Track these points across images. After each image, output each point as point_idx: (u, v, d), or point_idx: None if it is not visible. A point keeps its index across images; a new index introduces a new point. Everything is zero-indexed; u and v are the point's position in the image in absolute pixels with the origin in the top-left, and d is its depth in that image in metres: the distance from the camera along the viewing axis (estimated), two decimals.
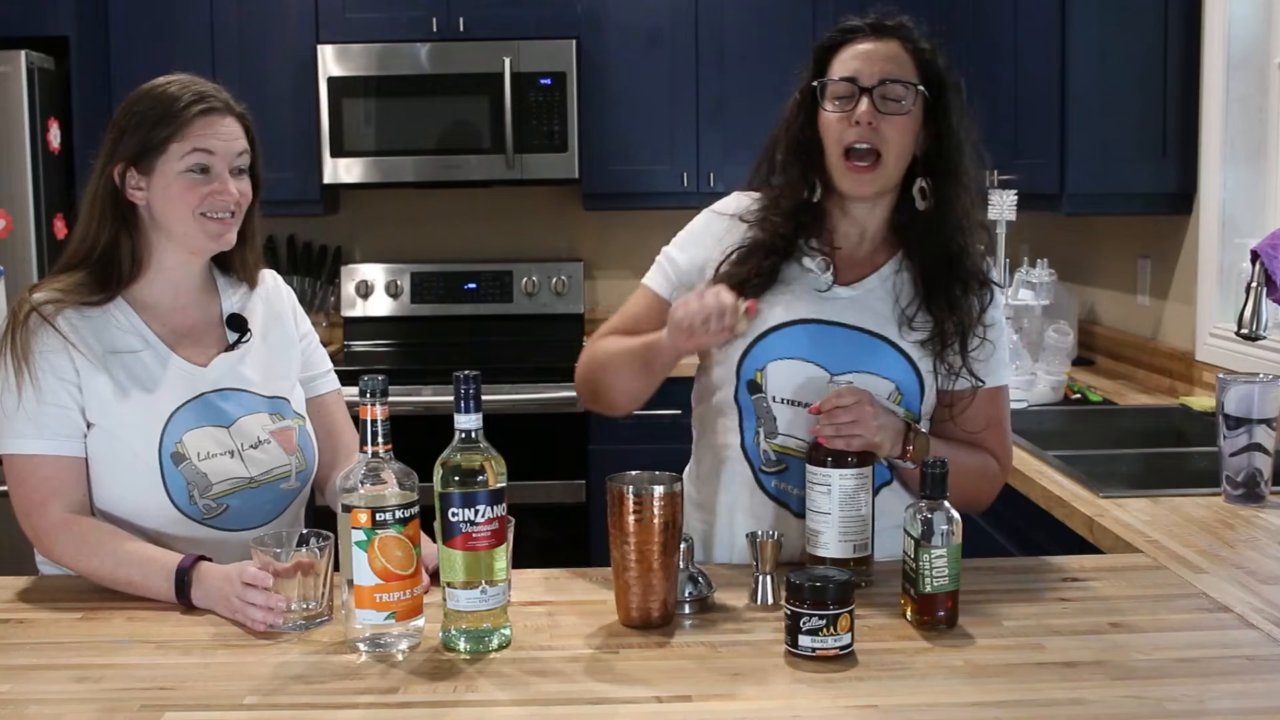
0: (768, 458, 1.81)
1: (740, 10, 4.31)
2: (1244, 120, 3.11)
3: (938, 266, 1.78)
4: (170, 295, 1.82)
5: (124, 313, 1.78)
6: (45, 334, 1.73)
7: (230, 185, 1.77)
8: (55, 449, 1.72)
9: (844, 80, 1.75)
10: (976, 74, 3.94)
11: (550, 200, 4.69)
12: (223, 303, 1.88)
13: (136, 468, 1.73)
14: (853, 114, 1.73)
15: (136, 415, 1.74)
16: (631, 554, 1.54)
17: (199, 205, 1.74)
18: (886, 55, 1.76)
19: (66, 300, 1.75)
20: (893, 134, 1.73)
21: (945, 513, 1.53)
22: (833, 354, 1.77)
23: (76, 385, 1.73)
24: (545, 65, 4.23)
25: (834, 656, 1.43)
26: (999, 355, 1.84)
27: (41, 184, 3.87)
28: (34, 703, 1.36)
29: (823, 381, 1.76)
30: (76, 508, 1.74)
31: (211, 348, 1.83)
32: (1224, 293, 3.16)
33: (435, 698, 1.36)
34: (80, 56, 4.06)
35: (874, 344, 1.78)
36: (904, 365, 1.78)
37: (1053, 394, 3.21)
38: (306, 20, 4.27)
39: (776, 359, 1.78)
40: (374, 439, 1.50)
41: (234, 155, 1.78)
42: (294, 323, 1.95)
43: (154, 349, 1.78)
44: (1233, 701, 1.33)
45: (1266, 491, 2.14)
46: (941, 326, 1.77)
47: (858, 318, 1.79)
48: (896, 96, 1.73)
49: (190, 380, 1.79)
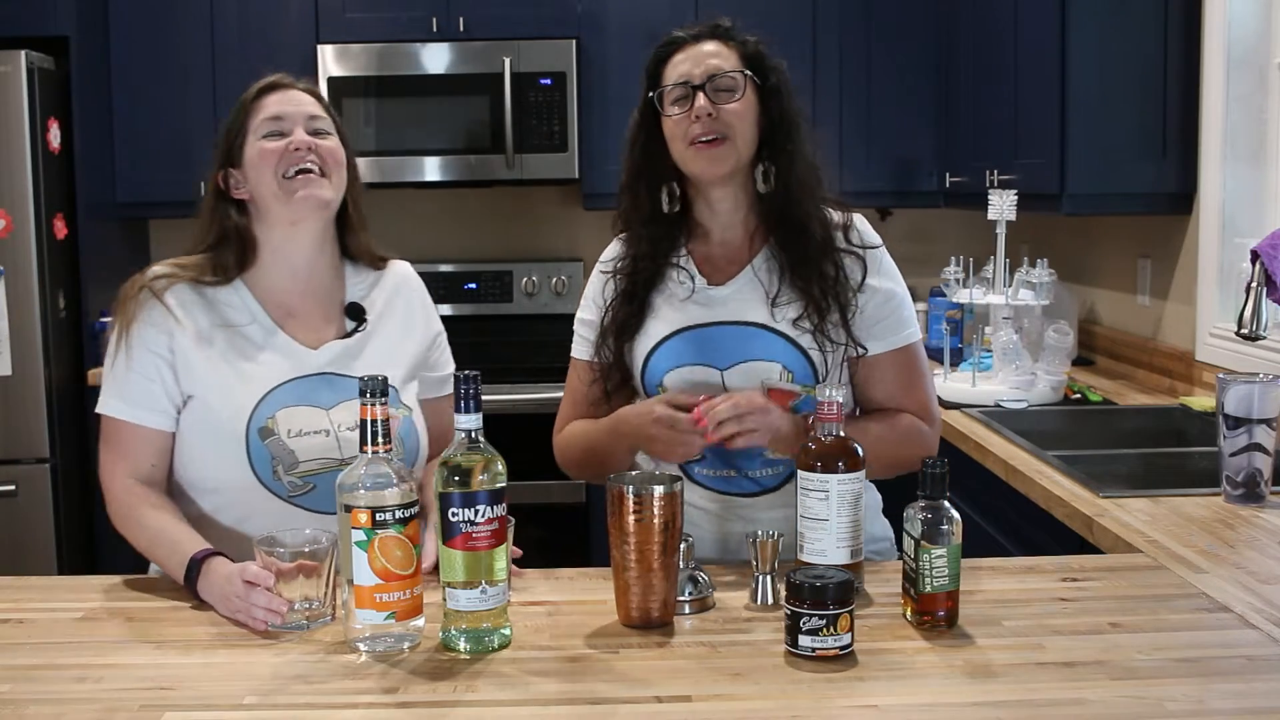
0: None
1: (740, 10, 4.28)
2: (1244, 120, 3.11)
3: (796, 245, 1.87)
4: (286, 279, 1.86)
5: (240, 293, 1.85)
6: (149, 307, 1.80)
7: (304, 137, 1.81)
8: (132, 416, 1.80)
9: (677, 85, 1.86)
10: (977, 74, 3.95)
11: (550, 200, 4.69)
12: (347, 290, 1.91)
13: (223, 438, 1.77)
14: (691, 110, 1.84)
15: (232, 388, 1.78)
16: (631, 554, 1.54)
17: (278, 165, 1.79)
18: (711, 53, 1.88)
19: (181, 275, 1.83)
20: (733, 118, 1.85)
21: (945, 513, 1.53)
22: (716, 352, 1.88)
23: (169, 361, 1.79)
24: (545, 65, 4.23)
25: (834, 656, 1.43)
26: (896, 316, 1.90)
27: (41, 184, 3.87)
28: (34, 703, 1.36)
29: (716, 378, 1.87)
30: (142, 477, 1.79)
31: (326, 332, 1.87)
32: (1224, 293, 3.16)
33: (435, 698, 1.36)
34: (80, 56, 4.06)
35: (751, 332, 1.88)
36: (783, 345, 1.86)
37: (1053, 394, 3.21)
38: (306, 20, 4.27)
39: (669, 369, 1.90)
40: (374, 439, 1.50)
41: (305, 117, 1.83)
42: (420, 318, 1.97)
43: (263, 327, 1.83)
44: (1233, 701, 1.33)
45: (1266, 491, 2.14)
46: (812, 302, 1.85)
47: (733, 312, 1.89)
48: (728, 86, 1.86)
49: (296, 360, 1.83)
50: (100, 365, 4.33)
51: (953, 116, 4.20)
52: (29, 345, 3.87)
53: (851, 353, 1.87)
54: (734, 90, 1.85)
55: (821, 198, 1.91)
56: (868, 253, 1.90)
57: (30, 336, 3.87)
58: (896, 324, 1.90)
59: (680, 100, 1.85)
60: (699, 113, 1.83)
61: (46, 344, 3.90)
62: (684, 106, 1.85)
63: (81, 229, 4.09)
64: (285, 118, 1.82)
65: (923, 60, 4.30)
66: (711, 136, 1.83)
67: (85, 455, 4.14)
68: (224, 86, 4.30)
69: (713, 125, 1.83)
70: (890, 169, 4.28)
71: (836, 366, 1.87)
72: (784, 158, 1.87)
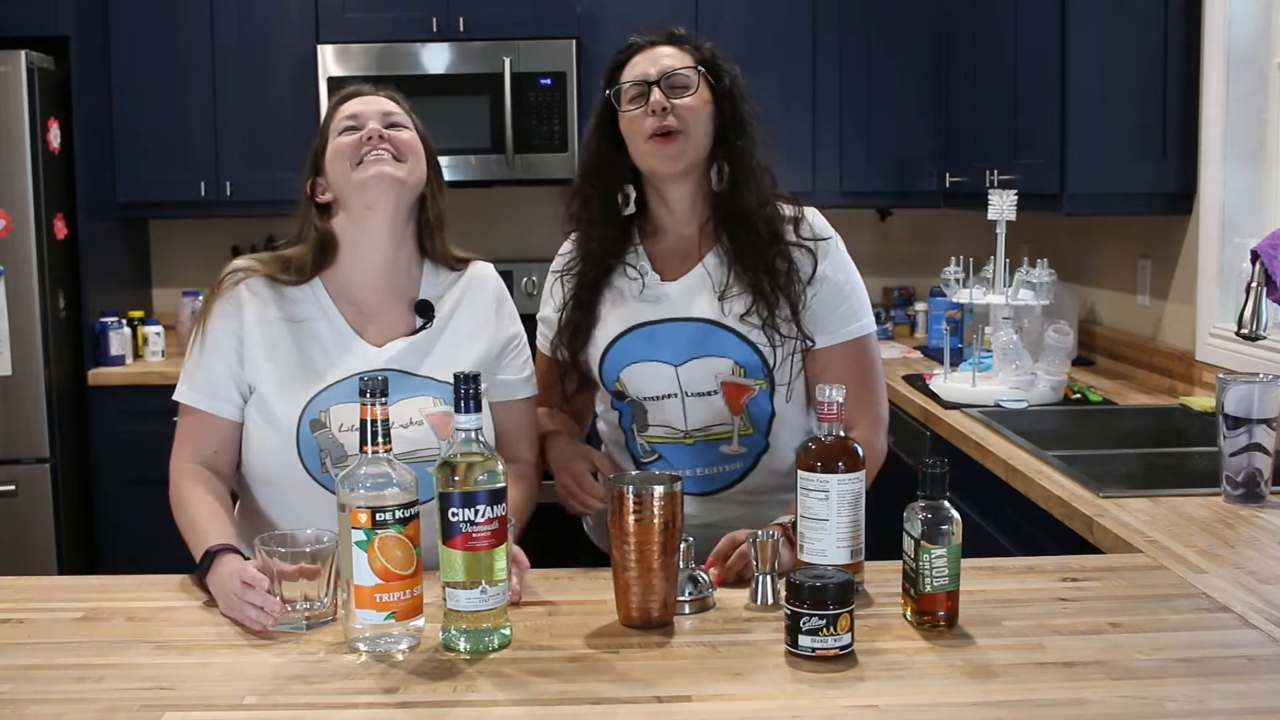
0: (644, 449, 1.99)
1: (740, 10, 4.31)
2: (1244, 120, 3.11)
3: (745, 239, 1.91)
4: (362, 275, 1.89)
5: (314, 290, 1.89)
6: (226, 298, 1.87)
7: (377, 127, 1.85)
8: (199, 402, 1.84)
9: (634, 83, 1.92)
10: (977, 74, 3.95)
11: (550, 200, 4.65)
12: (421, 289, 1.93)
13: (277, 430, 1.81)
14: (648, 105, 1.89)
15: (292, 380, 1.82)
16: (631, 554, 1.54)
17: (354, 155, 1.83)
18: (666, 54, 1.94)
19: (260, 270, 1.89)
20: (687, 113, 1.90)
21: (945, 513, 1.53)
22: (670, 347, 1.93)
23: (237, 352, 1.84)
24: (545, 65, 4.23)
25: (834, 656, 1.43)
26: (846, 308, 1.94)
27: (41, 184, 3.88)
28: (34, 703, 1.36)
29: (670, 373, 1.93)
30: (205, 462, 1.83)
31: (396, 330, 1.89)
32: (1224, 293, 3.16)
33: (435, 698, 1.36)
34: (80, 56, 4.07)
35: (704, 329, 1.92)
36: (734, 341, 1.91)
37: (1053, 394, 3.21)
38: (306, 20, 4.28)
39: (626, 365, 1.95)
40: (374, 439, 1.50)
41: (380, 114, 1.87)
42: (493, 319, 1.96)
43: (333, 324, 1.87)
44: (1233, 701, 1.33)
45: (1266, 491, 2.14)
46: (760, 297, 1.89)
47: (684, 308, 1.94)
48: (683, 83, 1.91)
49: (361, 357, 1.85)
50: (99, 365, 4.37)
51: (953, 116, 4.20)
52: (29, 345, 3.87)
53: (800, 346, 1.91)
54: (688, 87, 1.91)
55: (773, 194, 1.95)
56: (818, 245, 1.94)
57: (30, 336, 3.87)
58: (846, 316, 1.94)
59: (636, 98, 1.91)
60: (654, 107, 1.88)
61: (46, 344, 3.90)
62: (640, 104, 1.90)
63: (81, 229, 4.09)
64: (360, 115, 1.87)
65: (923, 60, 4.31)
66: (667, 130, 1.88)
67: (85, 455, 4.14)
68: (224, 86, 4.31)
69: (667, 121, 1.88)
70: (890, 169, 4.28)
71: (787, 359, 1.92)
72: (736, 155, 1.92)
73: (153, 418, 4.31)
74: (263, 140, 4.31)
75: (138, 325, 4.30)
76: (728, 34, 4.28)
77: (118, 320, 4.20)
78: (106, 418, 4.13)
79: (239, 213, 4.43)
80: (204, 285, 4.59)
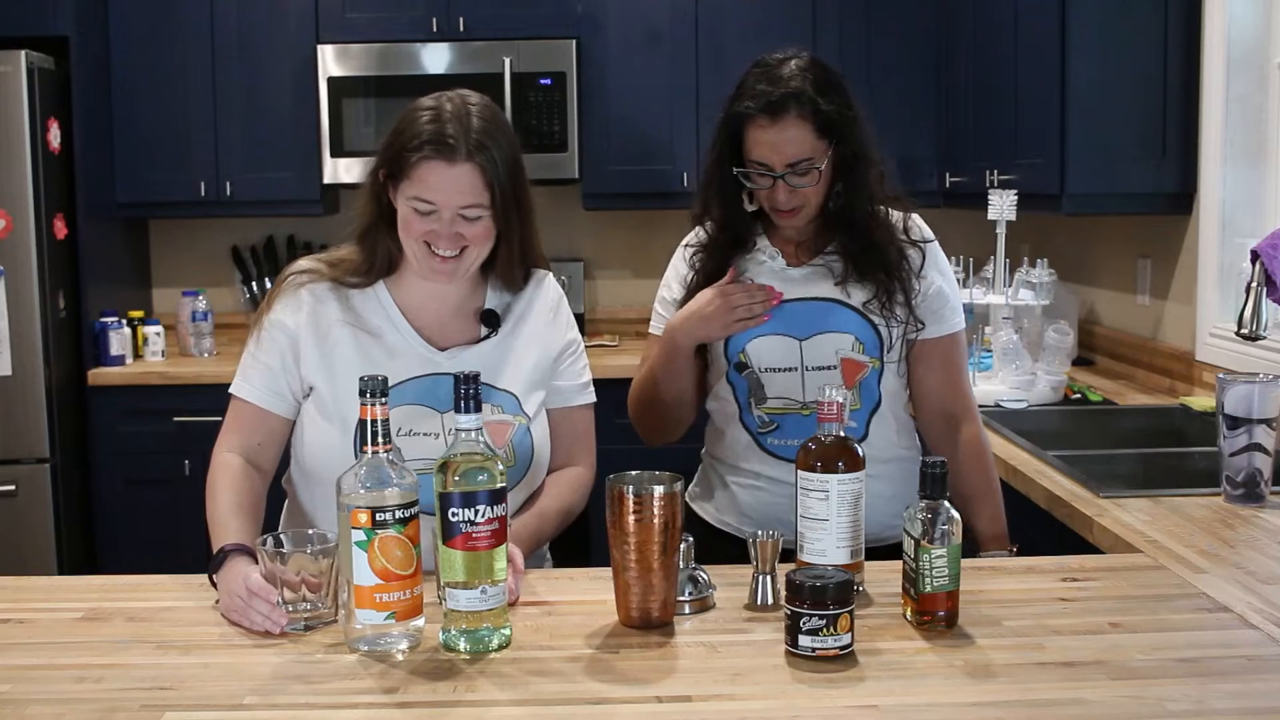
0: (762, 420, 2.06)
1: (740, 10, 4.31)
2: (1244, 120, 3.11)
3: (861, 241, 2.03)
4: (423, 295, 1.88)
5: (380, 295, 1.88)
6: (286, 300, 1.88)
7: (449, 230, 1.77)
8: (249, 395, 1.87)
9: (758, 166, 1.97)
10: (976, 74, 3.95)
11: (550, 200, 4.69)
12: (487, 298, 1.92)
13: (335, 428, 1.82)
14: (772, 194, 1.98)
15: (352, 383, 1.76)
16: (631, 554, 1.54)
17: (422, 237, 1.79)
18: (787, 141, 1.95)
19: (325, 274, 1.88)
20: (810, 193, 1.98)
21: (945, 513, 1.53)
22: (796, 323, 2.04)
23: (293, 350, 1.85)
24: (545, 65, 4.23)
25: (834, 656, 1.43)
26: (947, 306, 2.09)
27: (41, 184, 3.87)
28: (34, 703, 1.36)
29: (795, 347, 2.03)
30: (246, 452, 1.85)
31: (462, 338, 1.89)
32: (1224, 293, 3.16)
33: (435, 698, 1.36)
34: (80, 56, 4.06)
35: (828, 307, 2.05)
36: (857, 319, 2.03)
37: (1053, 394, 3.21)
38: (306, 20, 4.28)
39: (753, 338, 2.04)
40: (374, 439, 1.50)
41: (457, 206, 1.76)
42: (549, 327, 1.95)
43: (396, 326, 1.87)
44: (1233, 701, 1.33)
45: (1266, 491, 2.14)
46: (880, 285, 2.03)
47: (810, 289, 2.06)
48: (804, 172, 1.96)
49: (424, 360, 1.86)
50: (99, 365, 4.37)
51: (953, 116, 4.20)
52: (29, 345, 3.87)
53: (911, 331, 2.05)
54: (808, 174, 1.96)
55: (884, 197, 2.06)
56: (926, 246, 2.09)
57: (30, 336, 3.87)
58: (949, 311, 2.09)
59: (761, 178, 1.98)
60: (779, 203, 1.98)
61: (46, 344, 3.90)
62: (765, 182, 1.97)
63: (81, 229, 4.09)
64: (437, 204, 1.76)
65: (923, 60, 4.31)
66: (792, 208, 1.98)
67: (85, 455, 4.14)
68: (224, 86, 4.31)
69: (789, 202, 1.98)
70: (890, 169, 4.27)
71: (899, 342, 2.05)
72: (853, 184, 2.01)
73: (153, 418, 4.34)
74: (263, 140, 4.32)
75: (138, 325, 4.30)
76: (728, 34, 4.30)
77: (118, 320, 4.20)
78: (106, 418, 4.13)
79: (239, 213, 4.43)
80: (204, 285, 4.60)
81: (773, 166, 1.96)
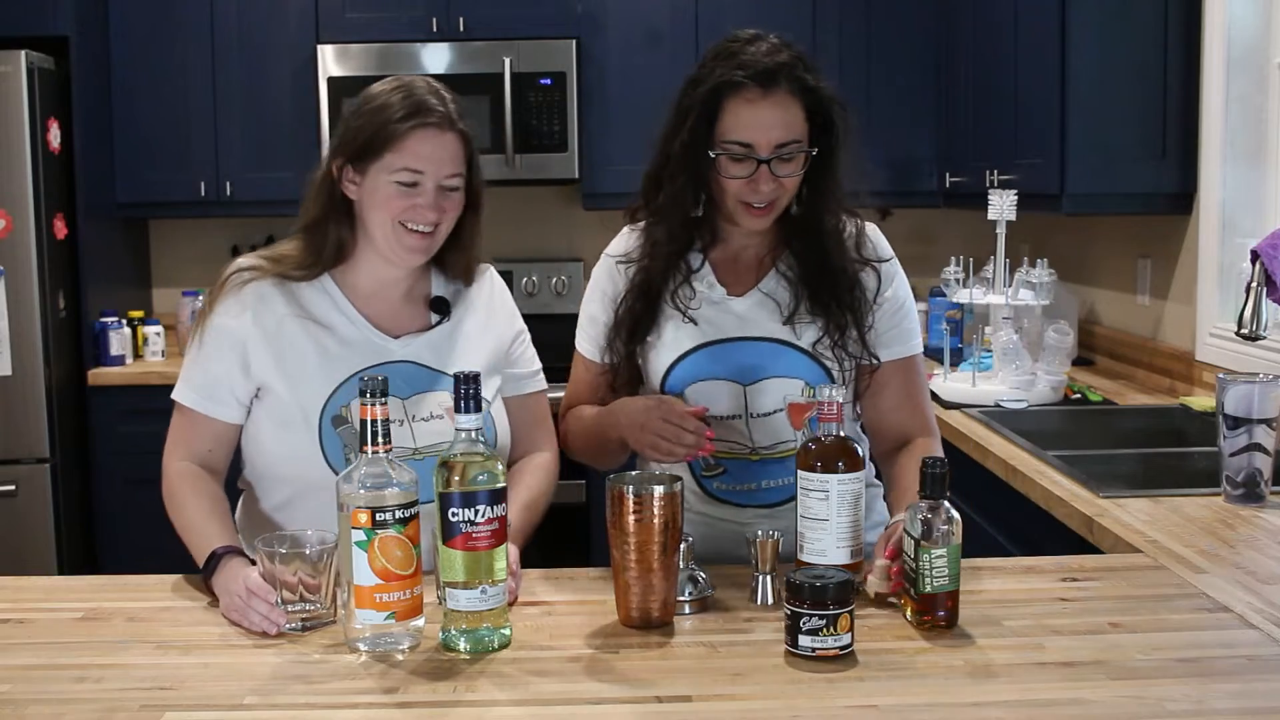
0: (706, 463, 1.90)
1: (740, 10, 4.30)
2: (1244, 120, 3.11)
3: (816, 259, 1.85)
4: (376, 283, 1.86)
5: (327, 286, 1.85)
6: (229, 301, 1.82)
7: (433, 202, 1.78)
8: (195, 403, 1.83)
9: (740, 147, 1.76)
10: (977, 74, 3.95)
11: (550, 200, 4.69)
12: (433, 286, 1.91)
13: (298, 428, 1.80)
14: (752, 182, 1.77)
15: (309, 377, 1.80)
16: (631, 554, 1.54)
17: (399, 215, 1.78)
18: (777, 119, 1.76)
19: (269, 270, 1.84)
20: (789, 182, 1.79)
21: (945, 513, 1.53)
22: (738, 367, 1.86)
23: (239, 353, 1.81)
24: (545, 65, 4.23)
25: (834, 656, 1.43)
26: (902, 327, 1.92)
27: (41, 184, 3.87)
28: (34, 703, 1.36)
29: (739, 394, 1.86)
30: (198, 460, 1.83)
31: (412, 325, 1.88)
32: (1224, 293, 3.16)
33: (435, 698, 1.36)
34: (80, 56, 4.06)
35: (773, 349, 1.87)
36: (805, 361, 1.86)
37: (1053, 394, 3.21)
38: (306, 20, 4.27)
39: (691, 383, 1.88)
40: (374, 439, 1.50)
41: (444, 175, 1.78)
42: (502, 315, 1.97)
43: (346, 317, 1.84)
44: (1233, 701, 1.33)
45: (1266, 491, 2.14)
46: (832, 321, 1.85)
47: (754, 327, 1.87)
48: (790, 157, 1.77)
49: (377, 351, 1.84)
50: (99, 365, 4.37)
51: (953, 116, 4.20)
52: (29, 345, 3.87)
53: (865, 363, 1.89)
54: (794, 160, 1.78)
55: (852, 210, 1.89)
56: (882, 265, 1.91)
57: (30, 336, 3.87)
58: (903, 334, 1.93)
59: (741, 161, 1.77)
60: (760, 193, 1.78)
61: (46, 344, 3.90)
62: (744, 168, 1.77)
63: (81, 229, 4.09)
64: (425, 173, 1.76)
65: (923, 60, 4.30)
66: (765, 203, 1.80)
67: (85, 455, 4.14)
68: (224, 86, 4.31)
69: (768, 194, 1.78)
70: (890, 169, 4.27)
71: (849, 374, 1.89)
72: (820, 183, 1.83)
73: (153, 418, 4.29)
74: (263, 140, 4.31)
75: (138, 325, 4.30)
76: (727, 33, 4.29)
77: (118, 320, 4.20)
78: (106, 418, 4.13)
79: (239, 213, 4.43)
80: (204, 285, 4.57)
81: (757, 148, 1.75)
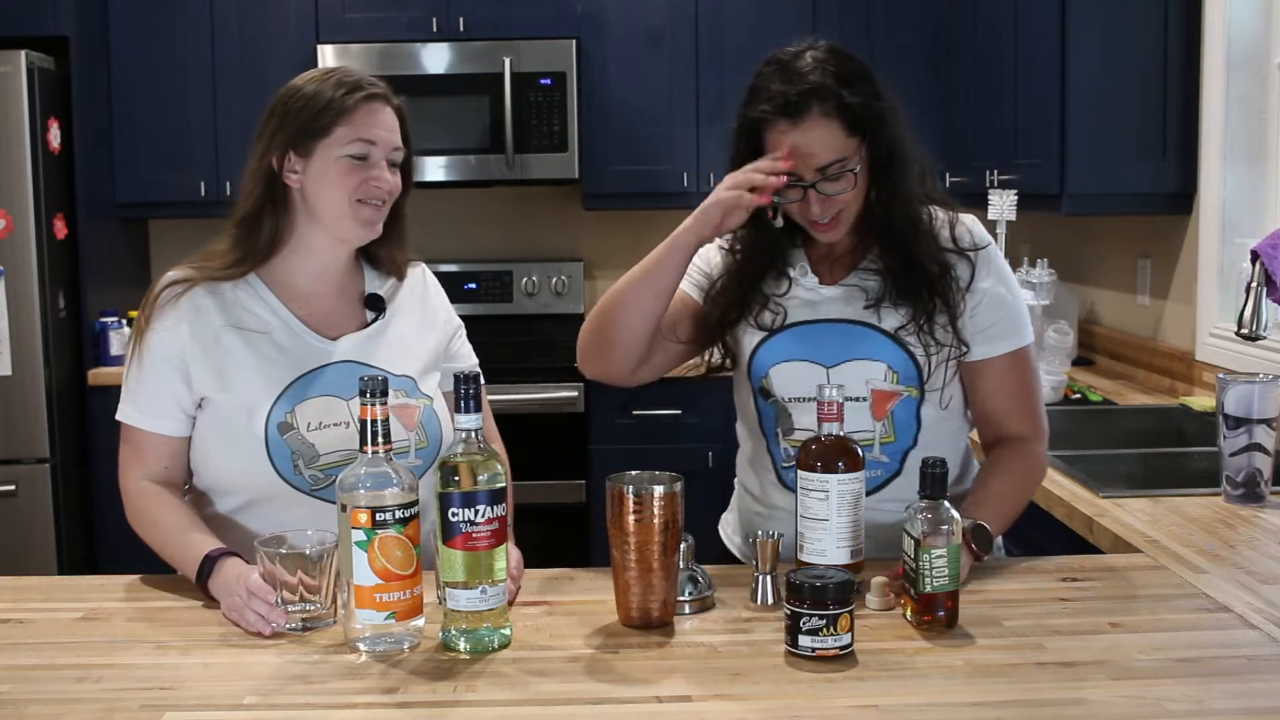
0: (788, 454, 1.87)
1: (740, 10, 4.31)
2: (1244, 120, 3.11)
3: (902, 250, 1.83)
4: (310, 279, 1.85)
5: (258, 289, 1.83)
6: (164, 314, 1.79)
7: (386, 174, 1.80)
8: (143, 422, 1.81)
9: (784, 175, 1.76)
10: (977, 74, 3.95)
11: (550, 200, 4.69)
12: (365, 284, 1.91)
13: (243, 437, 1.77)
14: (805, 206, 1.78)
15: (252, 386, 1.78)
16: (631, 554, 1.54)
17: (356, 190, 1.78)
18: (814, 143, 1.75)
19: (198, 277, 1.81)
20: (845, 198, 1.79)
21: (945, 513, 1.53)
22: (823, 348, 1.86)
23: (179, 367, 1.78)
24: (545, 65, 4.23)
25: (834, 656, 1.43)
26: (1006, 320, 1.85)
27: (41, 184, 3.87)
28: (34, 703, 1.36)
29: (821, 375, 1.84)
30: (156, 478, 1.81)
31: (346, 323, 1.87)
32: (1224, 293, 3.16)
33: (435, 698, 1.36)
34: (80, 56, 4.06)
35: (859, 331, 1.85)
36: (890, 345, 1.84)
37: (1053, 394, 3.21)
38: (306, 20, 4.28)
39: (775, 364, 1.87)
40: (374, 439, 1.50)
41: (391, 148, 1.81)
42: (437, 312, 1.97)
43: (284, 322, 1.82)
44: (1233, 701, 1.33)
45: (1266, 491, 2.14)
46: (919, 306, 1.82)
47: (841, 310, 1.87)
48: (836, 176, 1.77)
49: (316, 353, 1.82)
50: (99, 365, 4.36)
51: (953, 116, 4.20)
52: (29, 345, 3.87)
53: (955, 353, 1.84)
54: (841, 178, 1.77)
55: (927, 198, 1.86)
56: (977, 254, 1.85)
57: (30, 336, 3.87)
58: (1006, 329, 1.85)
59: (790, 190, 1.78)
60: (813, 209, 1.78)
61: (46, 344, 3.90)
62: (795, 192, 1.78)
63: (81, 229, 4.09)
64: (377, 144, 1.78)
65: (923, 60, 4.31)
66: (829, 219, 1.79)
67: (85, 455, 4.14)
68: (224, 86, 4.31)
69: (824, 212, 1.78)
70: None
71: (941, 366, 1.84)
72: (890, 185, 1.81)
73: None
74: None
75: None
76: (728, 34, 4.30)
77: (118, 320, 4.20)
78: (106, 418, 4.08)
79: None
80: None
81: (801, 175, 1.76)
